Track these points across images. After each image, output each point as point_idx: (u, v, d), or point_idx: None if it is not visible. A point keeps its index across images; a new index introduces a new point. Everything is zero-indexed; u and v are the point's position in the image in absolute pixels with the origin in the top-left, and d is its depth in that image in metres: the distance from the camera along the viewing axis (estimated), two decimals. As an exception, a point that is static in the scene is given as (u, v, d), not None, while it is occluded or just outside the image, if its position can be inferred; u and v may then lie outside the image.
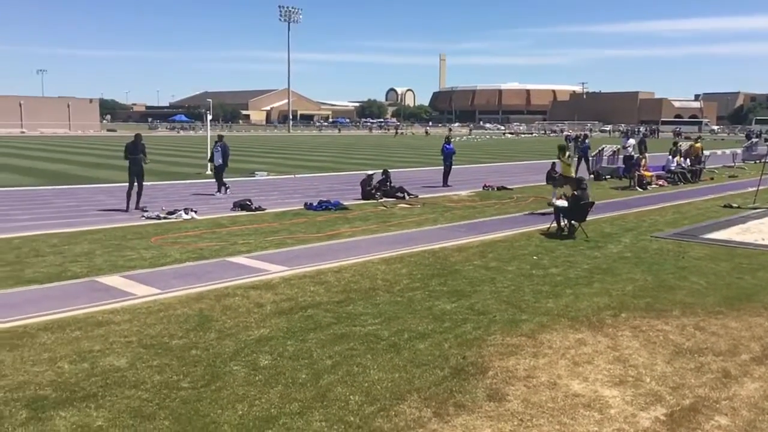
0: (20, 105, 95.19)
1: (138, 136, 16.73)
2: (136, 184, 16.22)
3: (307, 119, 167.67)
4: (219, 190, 19.64)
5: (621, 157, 28.54)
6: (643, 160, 24.46)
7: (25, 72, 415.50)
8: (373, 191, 19.20)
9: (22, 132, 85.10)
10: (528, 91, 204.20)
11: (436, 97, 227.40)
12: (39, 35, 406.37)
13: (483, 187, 22.26)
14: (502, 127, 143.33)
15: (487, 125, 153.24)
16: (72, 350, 6.42)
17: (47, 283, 8.96)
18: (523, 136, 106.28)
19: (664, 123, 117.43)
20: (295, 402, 5.34)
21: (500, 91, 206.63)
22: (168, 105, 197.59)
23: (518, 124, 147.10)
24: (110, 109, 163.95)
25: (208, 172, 21.39)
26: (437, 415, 5.15)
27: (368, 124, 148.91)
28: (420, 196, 19.59)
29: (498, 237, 12.98)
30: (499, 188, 22.09)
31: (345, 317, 7.61)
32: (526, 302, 8.33)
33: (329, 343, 6.75)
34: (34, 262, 10.17)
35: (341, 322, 7.42)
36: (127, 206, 16.08)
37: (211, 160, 20.00)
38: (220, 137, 20.41)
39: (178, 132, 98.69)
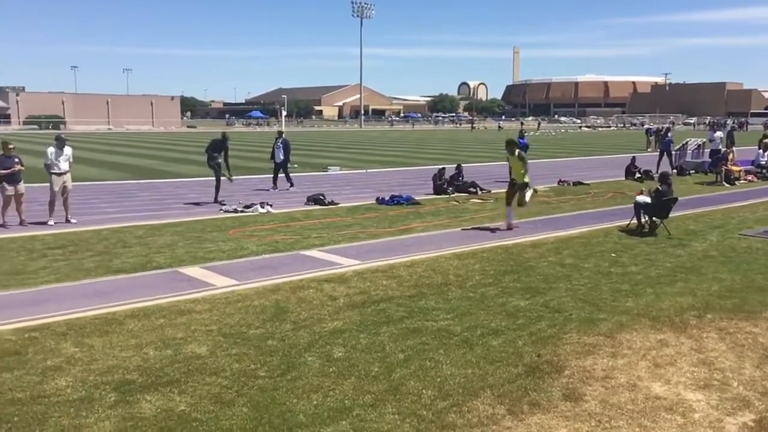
0: (107, 103, 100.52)
1: (224, 136, 17.08)
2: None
3: (379, 114, 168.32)
4: (291, 185, 19.90)
5: (707, 151, 27.28)
6: (731, 154, 23.29)
7: (112, 71, 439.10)
8: (445, 186, 19.12)
9: (109, 129, 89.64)
10: (606, 83, 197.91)
11: (510, 90, 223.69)
12: (124, 36, 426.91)
13: (558, 182, 21.76)
14: (578, 121, 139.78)
15: (563, 119, 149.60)
16: (157, 337, 6.72)
17: (133, 272, 9.40)
18: (600, 129, 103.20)
19: (754, 115, 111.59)
20: (369, 394, 5.38)
21: (576, 84, 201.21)
22: (244, 101, 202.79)
23: (595, 117, 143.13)
24: (190, 106, 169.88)
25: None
26: (511, 412, 5.08)
27: (439, 118, 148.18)
28: (492, 191, 19.34)
29: (574, 233, 12.66)
30: (575, 183, 21.54)
31: (417, 312, 7.62)
32: (604, 301, 8.09)
33: (402, 337, 6.77)
34: (121, 253, 10.70)
35: (413, 317, 7.43)
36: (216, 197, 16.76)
37: (273, 157, 20.08)
38: (280, 134, 20.53)
39: (254, 128, 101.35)
